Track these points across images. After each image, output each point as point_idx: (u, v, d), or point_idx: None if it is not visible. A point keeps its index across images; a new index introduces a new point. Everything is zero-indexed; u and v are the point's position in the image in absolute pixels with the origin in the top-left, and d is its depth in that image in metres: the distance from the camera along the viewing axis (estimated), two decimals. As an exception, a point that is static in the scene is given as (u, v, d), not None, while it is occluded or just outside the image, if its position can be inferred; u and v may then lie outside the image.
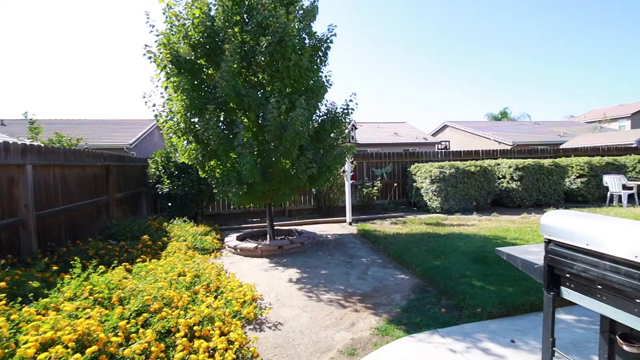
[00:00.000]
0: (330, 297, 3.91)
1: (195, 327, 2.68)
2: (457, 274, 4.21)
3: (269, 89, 5.60)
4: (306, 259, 5.57)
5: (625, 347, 1.78)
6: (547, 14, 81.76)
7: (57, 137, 8.71)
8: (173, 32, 5.38)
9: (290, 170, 5.53)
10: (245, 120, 5.92)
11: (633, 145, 14.48)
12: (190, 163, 6.00)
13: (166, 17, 5.40)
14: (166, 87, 5.52)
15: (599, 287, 1.63)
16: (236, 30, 5.50)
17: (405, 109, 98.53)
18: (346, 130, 6.98)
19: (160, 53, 5.25)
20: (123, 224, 6.10)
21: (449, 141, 27.23)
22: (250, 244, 6.06)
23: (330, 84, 6.10)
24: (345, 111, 6.14)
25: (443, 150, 13.20)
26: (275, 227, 7.23)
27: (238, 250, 6.01)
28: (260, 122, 5.73)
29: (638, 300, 1.47)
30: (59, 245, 4.64)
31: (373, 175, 10.91)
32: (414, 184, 10.19)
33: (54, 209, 4.63)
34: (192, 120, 5.61)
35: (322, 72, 6.05)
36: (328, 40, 5.83)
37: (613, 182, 9.65)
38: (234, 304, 3.31)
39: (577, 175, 10.39)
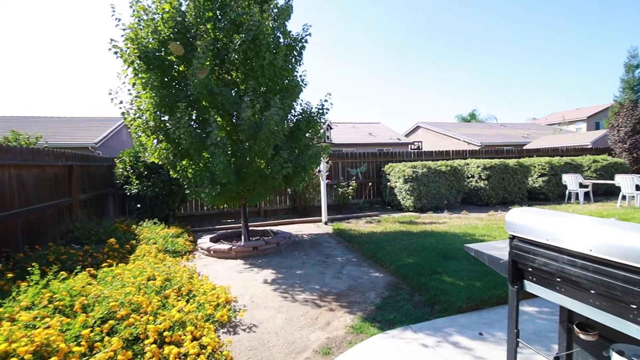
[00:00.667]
0: (305, 297, 3.90)
1: (166, 333, 2.59)
2: (429, 270, 4.34)
3: (242, 87, 5.51)
4: (281, 259, 5.54)
5: (581, 336, 1.90)
6: (514, 17, 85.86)
7: (13, 135, 8.13)
8: (141, 27, 5.17)
9: (265, 170, 5.47)
10: (219, 119, 5.80)
11: (589, 146, 15.51)
12: (160, 163, 5.79)
13: (134, 11, 5.18)
14: (134, 84, 5.30)
15: (558, 279, 1.73)
16: (209, 26, 5.37)
17: (379, 110, 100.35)
18: (321, 130, 7.01)
19: (128, 48, 5.04)
20: (88, 227, 5.79)
21: (421, 141, 28.00)
22: (224, 246, 5.94)
23: (305, 84, 6.10)
24: (321, 111, 6.16)
25: (416, 151, 13.55)
26: (250, 228, 7.13)
27: (211, 252, 5.87)
28: (234, 121, 5.63)
29: (592, 291, 1.58)
30: (16, 251, 4.33)
31: (348, 175, 11.01)
32: (388, 183, 10.39)
33: (9, 212, 4.32)
34: (163, 118, 5.42)
35: (297, 71, 6.03)
36: (303, 40, 5.82)
37: (571, 181, 10.29)
38: (207, 307, 3.23)
39: (539, 174, 10.99)
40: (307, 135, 6.22)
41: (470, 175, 10.46)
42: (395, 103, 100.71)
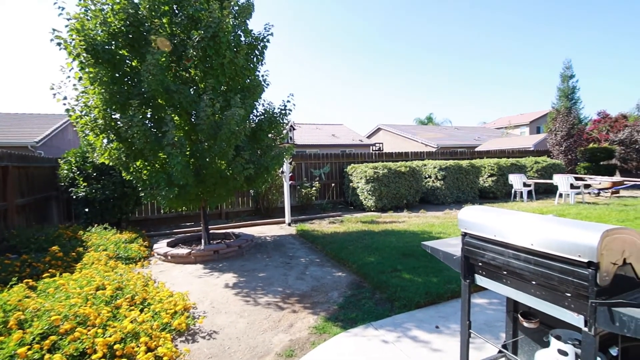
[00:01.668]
0: (268, 300, 3.85)
1: (117, 346, 2.42)
2: (390, 268, 4.47)
3: (202, 86, 5.33)
4: (244, 262, 5.42)
5: (525, 324, 2.06)
6: (468, 25, 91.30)
7: None
8: (88, 17, 4.81)
9: (225, 171, 5.32)
10: (176, 118, 5.56)
11: (531, 149, 16.91)
12: (112, 164, 5.42)
13: (80, 0, 4.81)
14: (80, 78, 4.92)
15: (505, 272, 1.86)
16: (164, 21, 5.13)
17: (342, 111, 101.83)
18: (284, 131, 6.96)
19: (73, 40, 4.66)
20: (26, 234, 5.27)
21: (382, 143, 28.84)
22: (182, 250, 5.69)
23: (268, 84, 6.03)
24: (283, 112, 6.12)
25: (377, 152, 13.92)
26: (211, 231, 6.90)
27: (169, 258, 5.60)
28: (193, 120, 5.42)
29: (534, 282, 1.71)
30: (-64, 263, 3.83)
31: (311, 176, 11.05)
32: (351, 184, 10.57)
33: None
34: (113, 116, 5.09)
35: (259, 71, 5.95)
36: (265, 39, 5.75)
37: (516, 181, 11.15)
38: (163, 315, 3.07)
39: (489, 174, 11.78)
40: (269, 135, 6.15)
41: (427, 176, 10.95)
42: (357, 105, 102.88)
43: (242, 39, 5.59)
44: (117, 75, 5.04)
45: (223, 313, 3.55)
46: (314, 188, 10.35)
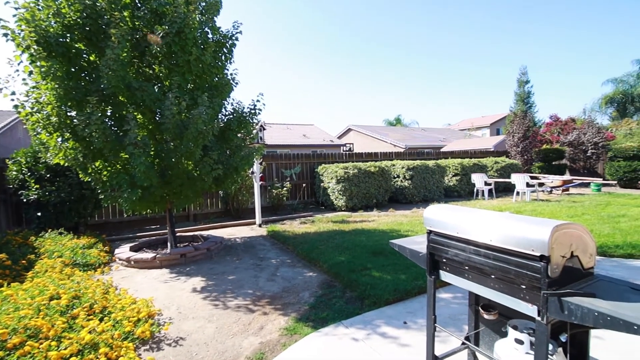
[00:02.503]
0: (238, 303, 3.78)
1: (73, 359, 2.27)
2: (360, 267, 4.54)
3: (166, 83, 5.13)
4: (212, 265, 5.28)
5: (485, 316, 2.17)
6: (436, 27, 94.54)
7: None
8: (40, 7, 4.48)
9: (193, 172, 5.16)
10: (139, 116, 5.32)
11: (491, 150, 17.85)
12: (68, 164, 5.08)
13: (29, -12, 4.46)
14: (30, 73, 4.57)
15: (466, 268, 1.95)
16: (125, 14, 4.88)
17: (313, 112, 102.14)
18: (254, 131, 6.87)
19: (22, 31, 4.31)
20: (-33, 241, 4.81)
21: (352, 143, 29.22)
22: (147, 255, 5.44)
23: (237, 83, 5.92)
24: (253, 111, 6.04)
25: (347, 152, 14.09)
26: (178, 234, 6.66)
27: (132, 263, 5.33)
28: (157, 119, 5.21)
29: (493, 276, 1.81)
30: None
31: (282, 176, 10.98)
32: (322, 184, 10.62)
33: None
34: (69, 113, 4.77)
35: (227, 69, 5.82)
36: (233, 37, 5.64)
37: (478, 180, 11.72)
38: (125, 324, 2.92)
39: (453, 174, 12.29)
40: (239, 135, 6.04)
41: (396, 176, 11.23)
42: (328, 105, 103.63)
43: (210, 36, 5.45)
44: (72, 70, 4.73)
45: (190, 318, 3.44)
46: (285, 188, 10.30)
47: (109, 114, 5.10)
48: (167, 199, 5.46)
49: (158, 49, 4.72)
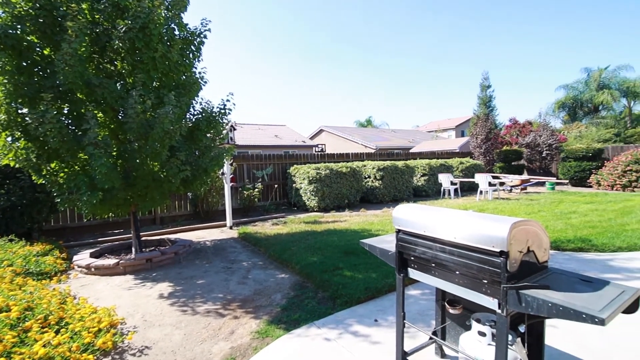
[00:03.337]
0: (207, 308, 3.68)
1: (25, 375, 2.11)
2: (332, 267, 4.57)
3: (130, 80, 4.90)
4: (181, 269, 5.10)
5: (451, 310, 2.26)
6: (406, 30, 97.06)
7: None
8: (-15, -5, 4.12)
9: (159, 173, 4.96)
10: (100, 114, 5.04)
11: (456, 151, 18.62)
12: (19, 166, 4.71)
13: (-27, -26, 4.10)
14: (-26, 66, 4.19)
15: (433, 265, 2.02)
16: (84, 7, 4.61)
17: (285, 112, 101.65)
18: (224, 131, 6.72)
19: (-36, 20, 3.95)
20: None
21: (325, 144, 29.40)
22: (109, 261, 5.16)
23: (205, 82, 5.76)
24: (223, 111, 5.90)
25: (319, 153, 14.16)
26: (144, 238, 6.38)
27: (92, 270, 5.04)
28: (120, 118, 4.96)
29: (457, 272, 1.89)
30: None
31: (254, 177, 10.82)
32: (294, 184, 10.59)
33: None
34: (20, 111, 4.43)
35: (195, 67, 5.66)
36: (202, 35, 5.48)
37: (445, 180, 12.19)
38: (85, 335, 2.75)
39: (422, 174, 12.69)
40: (208, 135, 5.89)
41: (367, 176, 11.43)
42: (300, 106, 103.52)
43: (177, 32, 5.27)
44: (24, 64, 4.40)
45: (156, 326, 3.30)
46: (256, 189, 10.16)
47: (65, 112, 4.79)
48: (132, 201, 5.21)
49: (120, 44, 4.50)
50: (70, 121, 4.75)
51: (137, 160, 4.70)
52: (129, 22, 4.44)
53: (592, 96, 27.57)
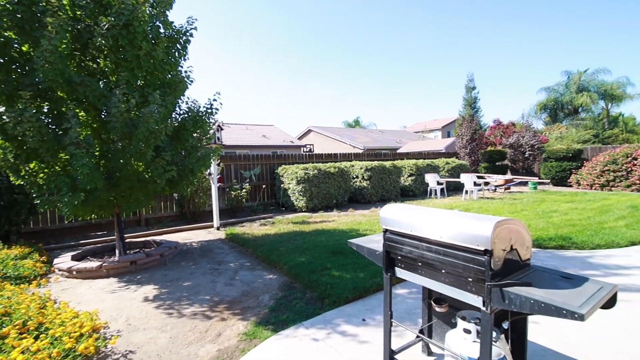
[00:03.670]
0: (194, 310, 3.62)
1: (2, 383, 2.04)
2: (320, 267, 4.57)
3: (113, 79, 4.79)
4: (166, 272, 5.01)
5: (437, 309, 2.29)
6: (394, 30, 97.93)
7: None
8: (-42, -11, 3.96)
9: (144, 174, 4.87)
10: (82, 113, 4.92)
11: (443, 151, 18.91)
12: (-5, 166, 4.55)
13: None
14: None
15: (420, 264, 2.05)
16: (65, 2, 4.48)
17: (273, 112, 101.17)
18: (211, 131, 6.65)
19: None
20: None
21: (313, 144, 29.39)
22: (91, 263, 5.03)
23: (192, 81, 5.68)
24: (210, 110, 5.83)
25: (308, 153, 14.15)
26: (128, 240, 6.25)
27: (74, 273, 4.90)
28: (103, 117, 4.84)
29: (443, 271, 1.91)
30: None
31: (242, 178, 10.73)
32: (282, 185, 10.55)
33: None
34: (-3, 109, 4.27)
35: (181, 66, 5.57)
36: (188, 33, 5.40)
37: (431, 179, 12.36)
38: (66, 340, 2.67)
39: (409, 174, 12.83)
40: (194, 135, 5.81)
41: (355, 176, 11.48)
42: (288, 106, 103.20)
43: (162, 30, 5.18)
44: (1, 61, 4.25)
45: (141, 330, 3.23)
46: (244, 190, 10.07)
47: (45, 110, 4.65)
48: (115, 202, 5.10)
49: (103, 41, 4.39)
50: (50, 120, 4.61)
51: (121, 161, 4.60)
52: (112, 19, 4.35)
53: (572, 98, 28.43)
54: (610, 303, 1.65)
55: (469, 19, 78.13)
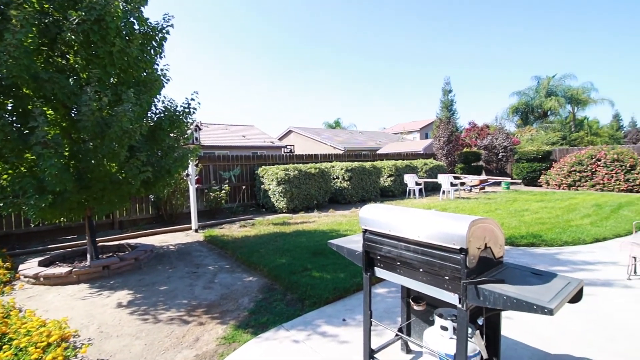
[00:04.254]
0: (171, 315, 3.52)
1: (-40, 399, 1.90)
2: (301, 268, 4.56)
3: (84, 76, 4.59)
4: (142, 276, 4.85)
5: (415, 307, 2.33)
6: (375, 36, 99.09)
7: None
8: None
9: (117, 175, 4.69)
10: (50, 112, 4.68)
11: (421, 152, 19.31)
12: (-49, 167, 4.25)
13: None
14: None
15: (398, 263, 2.08)
16: (31, -6, 4.25)
17: (253, 113, 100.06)
18: (189, 131, 6.50)
19: None
20: None
21: (293, 145, 29.29)
22: (60, 269, 4.80)
23: (168, 79, 5.54)
24: (187, 110, 5.70)
25: (288, 154, 14.08)
26: (101, 244, 6.01)
27: (41, 280, 4.65)
28: (73, 115, 4.63)
29: (421, 270, 1.95)
30: None
31: (221, 179, 10.55)
32: (262, 186, 10.45)
33: None
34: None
35: (157, 64, 5.42)
36: (164, 30, 5.26)
37: (410, 180, 12.60)
38: (32, 351, 2.53)
39: (388, 175, 13.02)
40: (171, 135, 5.66)
41: (335, 177, 11.53)
42: (268, 107, 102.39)
43: (136, 27, 5.01)
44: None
45: (114, 337, 3.11)
46: (223, 191, 9.90)
47: (9, 108, 4.40)
48: (86, 205, 4.88)
49: (73, 37, 4.20)
50: (15, 118, 4.37)
51: (93, 161, 4.41)
52: (83, 13, 4.17)
53: (541, 102, 29.76)
54: (577, 297, 1.74)
55: (448, 18, 79.87)
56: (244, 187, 10.97)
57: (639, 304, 3.40)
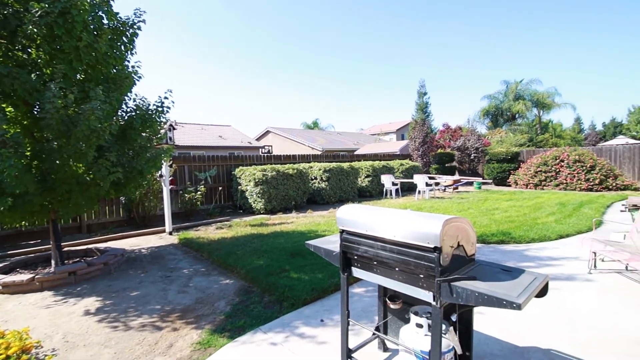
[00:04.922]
0: (142, 322, 3.39)
1: None
2: (279, 269, 4.52)
3: (47, 71, 4.35)
4: (111, 281, 4.65)
5: (391, 305, 2.36)
6: (357, 34, 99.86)
7: None
8: None
9: (84, 176, 4.47)
10: (10, 108, 4.40)
11: (397, 153, 19.68)
12: None
13: None
14: None
15: (375, 263, 2.10)
16: (-13, -17, 3.99)
17: (231, 113, 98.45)
18: (162, 130, 6.31)
19: None
20: None
21: (271, 146, 29.08)
22: (21, 276, 4.51)
23: (140, 76, 5.35)
24: (160, 109, 5.52)
25: (266, 154, 13.94)
26: (67, 249, 5.71)
27: (0, 288, 4.36)
28: (35, 113, 4.38)
29: (397, 269, 1.98)
30: None
31: (196, 180, 10.30)
32: (240, 187, 10.29)
33: None
34: None
35: (128, 61, 5.22)
36: (135, 26, 5.07)
37: (387, 180, 12.81)
38: (-12, 364, 2.36)
39: (366, 175, 13.18)
40: (143, 135, 5.46)
41: (313, 177, 11.54)
42: (246, 107, 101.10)
43: (105, 21, 4.80)
44: None
45: (81, 346, 2.96)
46: (199, 192, 9.67)
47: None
48: (51, 207, 4.62)
49: (35, 30, 3.97)
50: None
51: (57, 162, 4.18)
52: (46, 5, 3.94)
53: (510, 106, 31.15)
54: (543, 292, 1.82)
55: (426, 18, 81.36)
56: (220, 188, 10.76)
57: (599, 297, 3.61)
